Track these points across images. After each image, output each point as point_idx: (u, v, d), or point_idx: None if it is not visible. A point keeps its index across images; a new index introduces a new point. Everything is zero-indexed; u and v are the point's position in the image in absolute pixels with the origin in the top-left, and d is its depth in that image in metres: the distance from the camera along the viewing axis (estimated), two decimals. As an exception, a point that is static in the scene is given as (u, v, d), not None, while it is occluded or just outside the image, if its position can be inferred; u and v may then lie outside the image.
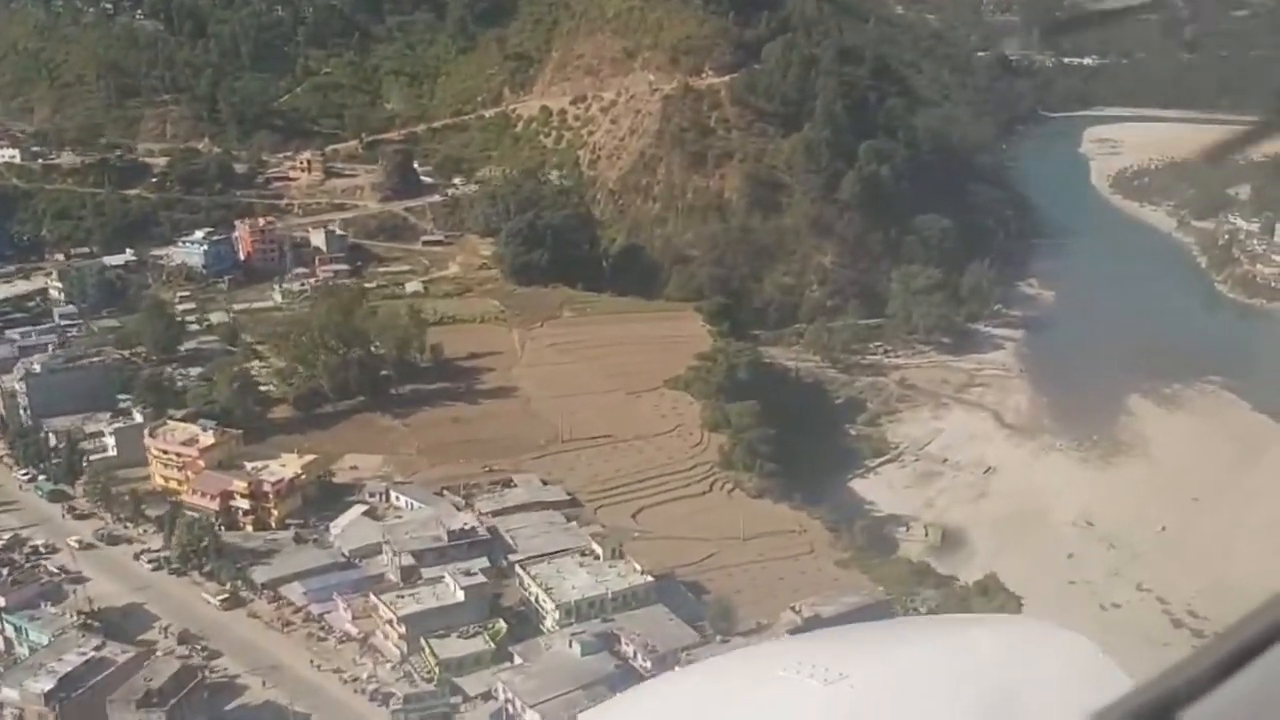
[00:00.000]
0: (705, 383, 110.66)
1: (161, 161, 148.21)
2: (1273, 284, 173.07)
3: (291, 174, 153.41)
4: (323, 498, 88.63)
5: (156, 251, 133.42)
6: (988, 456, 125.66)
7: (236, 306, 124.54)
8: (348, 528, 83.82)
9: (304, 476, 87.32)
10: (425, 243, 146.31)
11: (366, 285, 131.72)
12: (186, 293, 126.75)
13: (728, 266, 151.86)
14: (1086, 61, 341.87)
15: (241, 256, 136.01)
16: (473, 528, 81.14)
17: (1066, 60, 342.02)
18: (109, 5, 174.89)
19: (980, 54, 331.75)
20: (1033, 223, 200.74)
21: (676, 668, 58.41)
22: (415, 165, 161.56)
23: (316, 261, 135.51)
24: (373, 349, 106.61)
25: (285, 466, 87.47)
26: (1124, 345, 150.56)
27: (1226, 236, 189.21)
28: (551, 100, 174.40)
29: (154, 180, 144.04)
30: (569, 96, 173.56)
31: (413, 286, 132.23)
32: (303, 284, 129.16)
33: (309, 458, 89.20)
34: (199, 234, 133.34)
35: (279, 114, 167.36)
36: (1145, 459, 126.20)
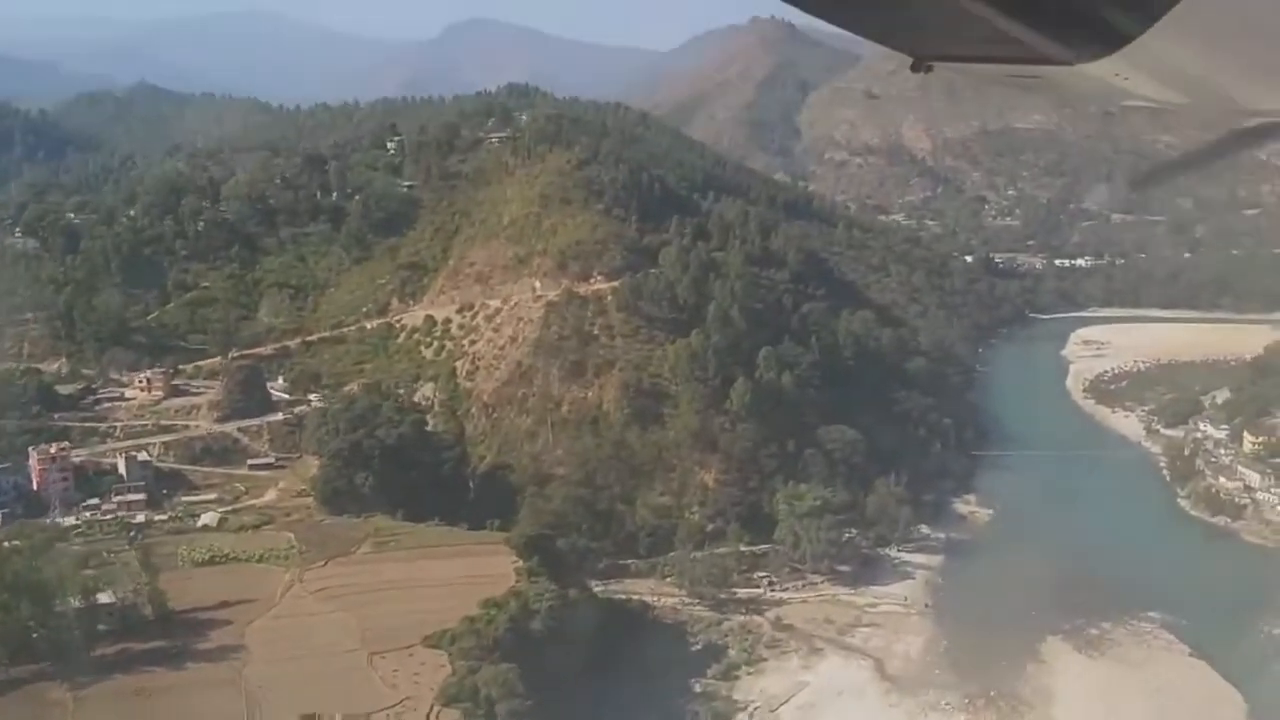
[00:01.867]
0: (477, 637, 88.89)
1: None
2: (1237, 500, 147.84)
3: (128, 394, 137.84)
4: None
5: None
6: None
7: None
8: None
9: None
10: (252, 466, 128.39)
11: (156, 517, 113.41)
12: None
13: (595, 487, 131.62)
14: (1080, 262, 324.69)
15: (35, 487, 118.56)
16: None
17: (1059, 262, 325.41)
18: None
19: (967, 257, 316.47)
20: (981, 433, 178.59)
21: None
22: (275, 380, 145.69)
23: (111, 492, 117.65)
24: (66, 603, 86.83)
25: None
26: (1058, 574, 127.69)
27: (1193, 445, 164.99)
28: (439, 309, 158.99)
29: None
30: (457, 305, 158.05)
31: (207, 519, 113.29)
32: (77, 518, 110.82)
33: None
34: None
35: (143, 330, 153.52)
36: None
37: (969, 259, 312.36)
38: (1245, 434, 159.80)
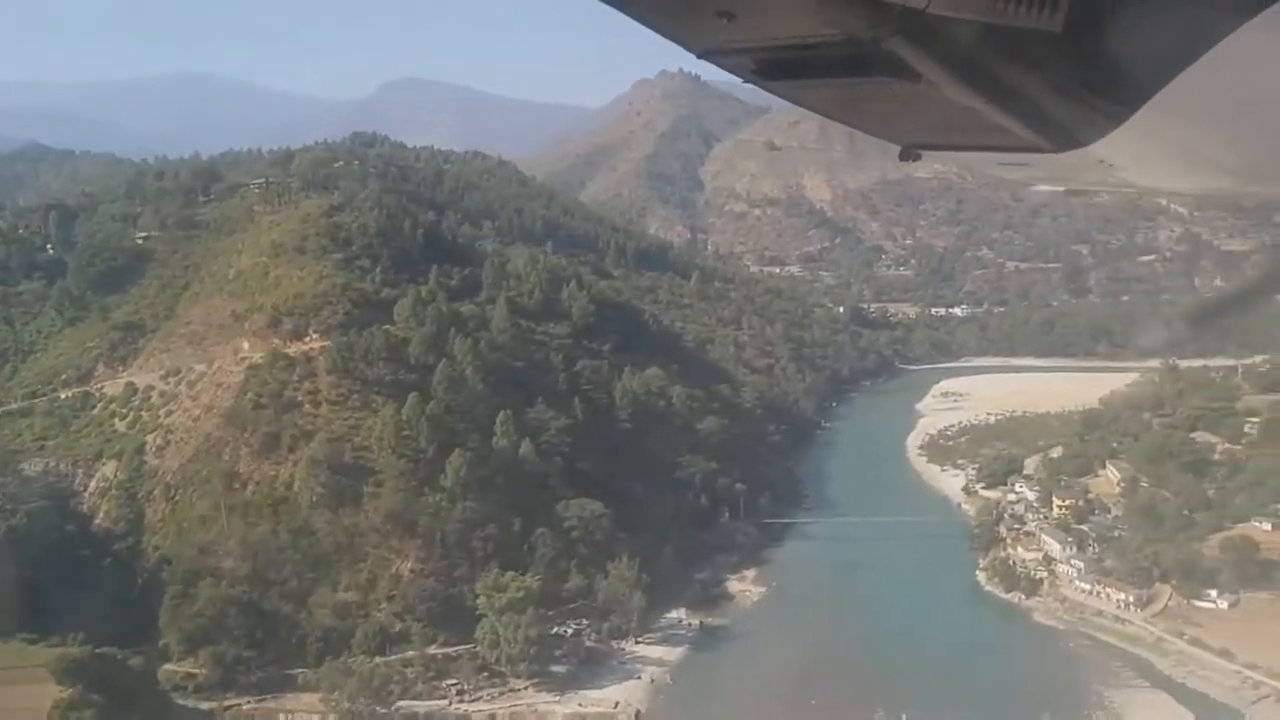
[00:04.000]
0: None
1: None
2: (1034, 573, 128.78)
3: None
4: None
5: None
6: None
7: None
8: None
9: None
10: None
11: None
12: None
13: (265, 585, 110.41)
14: (956, 311, 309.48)
15: None
16: None
17: (934, 310, 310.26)
18: None
19: (839, 308, 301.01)
20: (785, 500, 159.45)
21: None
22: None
23: None
24: None
25: None
26: (812, 668, 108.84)
27: (997, 510, 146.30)
28: (146, 375, 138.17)
29: None
30: (164, 370, 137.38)
31: None
32: None
33: None
34: None
35: None
36: None
37: (840, 309, 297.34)
38: (1054, 497, 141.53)
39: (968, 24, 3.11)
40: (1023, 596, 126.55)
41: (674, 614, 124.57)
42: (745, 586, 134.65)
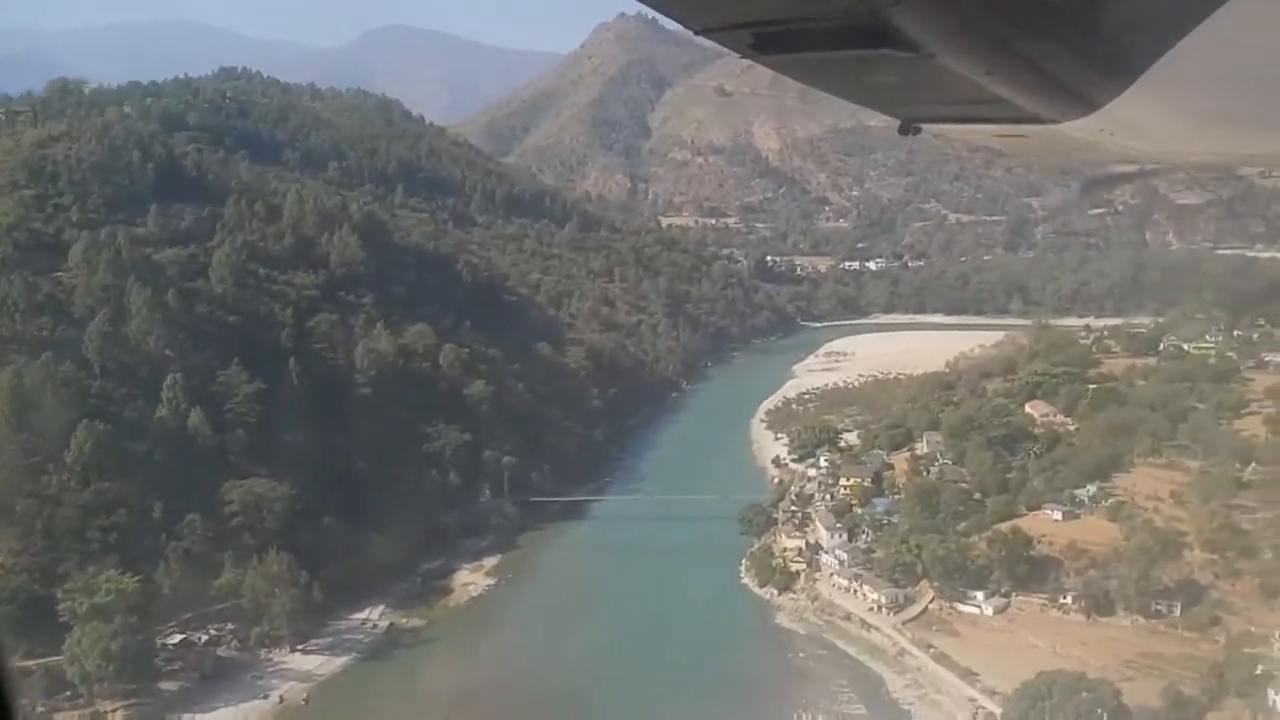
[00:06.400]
0: None
1: None
2: (791, 565, 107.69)
3: None
4: None
5: None
6: None
7: None
8: None
9: None
10: None
11: None
12: None
13: None
14: (871, 265, 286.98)
15: None
16: None
17: (847, 265, 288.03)
18: None
19: (740, 260, 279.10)
20: (569, 475, 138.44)
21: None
22: None
23: None
24: None
25: None
26: (489, 686, 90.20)
27: (781, 489, 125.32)
28: None
29: None
30: None
31: None
32: None
33: None
34: None
35: None
36: None
37: (742, 262, 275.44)
38: (841, 475, 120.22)
39: None
40: (775, 593, 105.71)
41: (363, 614, 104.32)
42: (474, 578, 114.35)
